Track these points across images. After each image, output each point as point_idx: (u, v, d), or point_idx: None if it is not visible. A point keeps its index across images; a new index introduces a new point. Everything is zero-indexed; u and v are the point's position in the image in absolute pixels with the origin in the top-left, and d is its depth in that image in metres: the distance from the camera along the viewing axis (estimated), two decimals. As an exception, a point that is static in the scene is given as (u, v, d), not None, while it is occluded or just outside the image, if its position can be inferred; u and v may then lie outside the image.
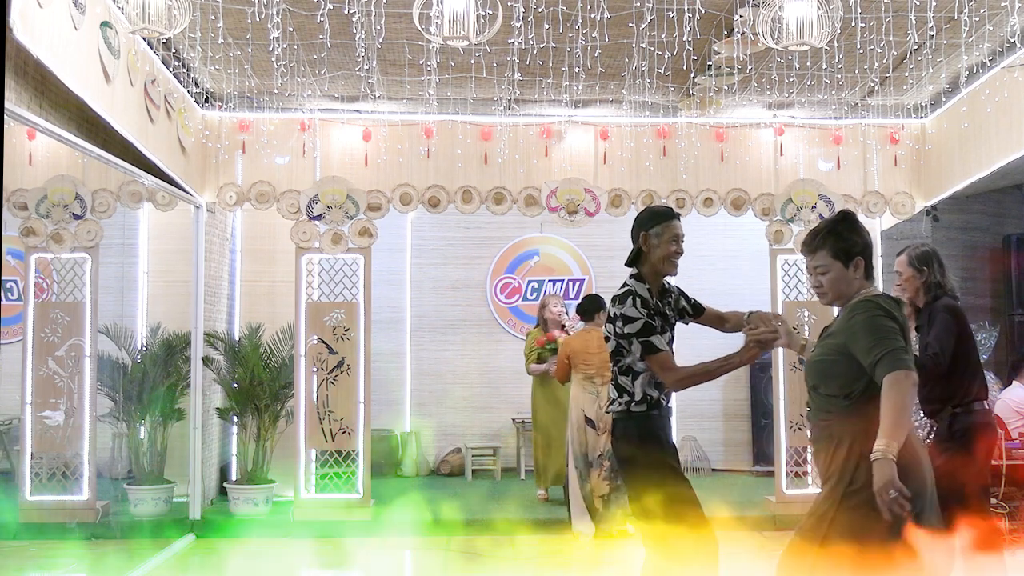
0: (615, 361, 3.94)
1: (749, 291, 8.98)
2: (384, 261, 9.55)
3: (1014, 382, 7.57)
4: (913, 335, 4.97)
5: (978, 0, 5.85)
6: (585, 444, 6.86)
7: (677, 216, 3.99)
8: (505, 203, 7.93)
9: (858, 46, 6.08)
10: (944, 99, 7.82)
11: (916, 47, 6.59)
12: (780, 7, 5.28)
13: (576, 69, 6.66)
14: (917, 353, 4.76)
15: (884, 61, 6.60)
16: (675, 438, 10.22)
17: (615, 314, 3.87)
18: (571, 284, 10.08)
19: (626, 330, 3.83)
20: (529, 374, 8.08)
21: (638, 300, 3.84)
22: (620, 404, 3.95)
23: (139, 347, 7.97)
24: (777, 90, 7.39)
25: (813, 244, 3.29)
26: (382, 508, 7.81)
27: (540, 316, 8.13)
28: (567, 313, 8.17)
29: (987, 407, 4.74)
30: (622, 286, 3.93)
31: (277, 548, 7.02)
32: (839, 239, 3.25)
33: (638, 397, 3.86)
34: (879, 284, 8.73)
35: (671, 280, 4.10)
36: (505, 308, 10.04)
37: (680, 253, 3.94)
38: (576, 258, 10.05)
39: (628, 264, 3.98)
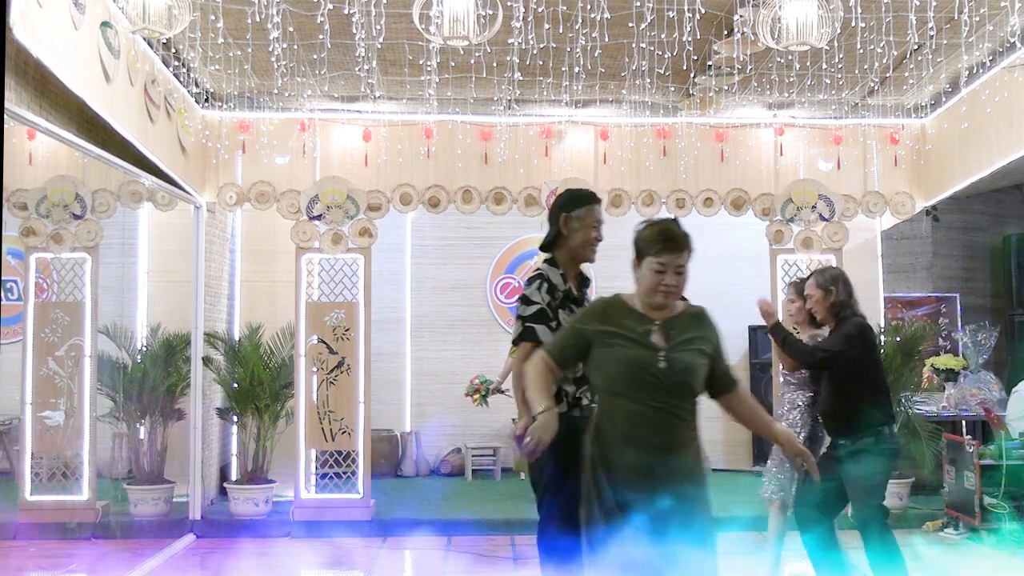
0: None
1: (749, 291, 8.98)
2: (384, 261, 9.54)
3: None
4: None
5: (978, 0, 5.85)
6: None
7: (599, 201, 3.88)
8: (505, 203, 7.93)
9: (858, 46, 6.07)
10: (944, 99, 7.82)
11: (916, 47, 6.58)
12: (780, 7, 5.28)
13: (576, 69, 6.66)
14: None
15: (884, 61, 6.60)
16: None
17: (521, 296, 3.75)
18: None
19: (520, 311, 3.66)
20: None
21: (545, 286, 3.68)
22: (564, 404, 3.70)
23: (139, 347, 7.97)
24: (777, 90, 7.39)
25: (685, 243, 3.27)
26: (382, 508, 7.81)
27: None
28: None
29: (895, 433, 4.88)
30: (535, 269, 3.79)
31: (277, 548, 7.03)
32: (692, 245, 3.32)
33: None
34: (879, 282, 8.78)
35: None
36: (505, 308, 10.03)
37: (600, 239, 3.80)
38: (576, 258, 10.03)
39: (543, 248, 3.84)
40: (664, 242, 3.22)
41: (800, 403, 5.28)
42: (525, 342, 3.59)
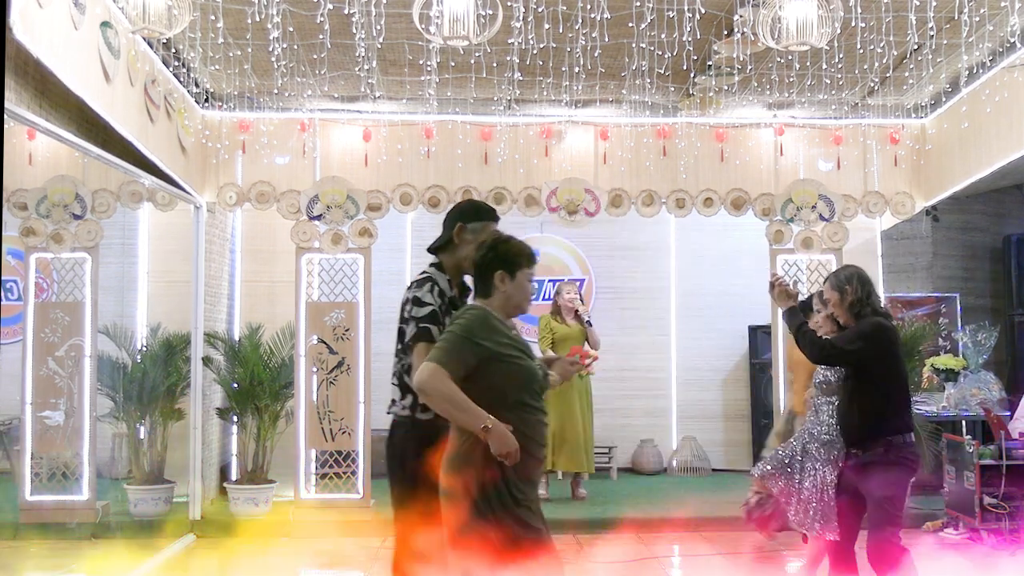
0: (400, 357, 3.63)
1: (749, 291, 8.99)
2: (384, 261, 9.53)
3: None
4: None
5: (978, 0, 5.85)
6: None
7: (497, 220, 3.76)
8: (505, 203, 7.92)
9: (858, 46, 6.07)
10: (944, 99, 7.82)
11: (916, 47, 6.58)
12: (780, 7, 5.28)
13: (576, 69, 6.66)
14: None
15: (884, 61, 6.60)
16: (674, 439, 10.28)
17: (408, 297, 3.62)
18: (581, 284, 10.08)
19: (413, 313, 3.55)
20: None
21: (436, 288, 3.60)
22: (403, 408, 3.62)
23: (139, 347, 7.96)
24: (777, 90, 7.39)
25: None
26: (382, 508, 7.80)
27: (554, 303, 8.25)
28: (581, 301, 8.23)
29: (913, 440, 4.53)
30: (421, 273, 3.71)
31: (277, 548, 7.02)
32: None
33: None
34: (879, 282, 8.76)
35: None
36: (505, 308, 10.02)
37: None
38: (576, 258, 10.04)
39: (431, 251, 3.79)
40: (532, 254, 3.39)
41: (825, 409, 4.89)
42: (421, 343, 3.48)
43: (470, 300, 3.51)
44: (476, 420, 3.11)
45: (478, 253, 3.37)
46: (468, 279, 3.66)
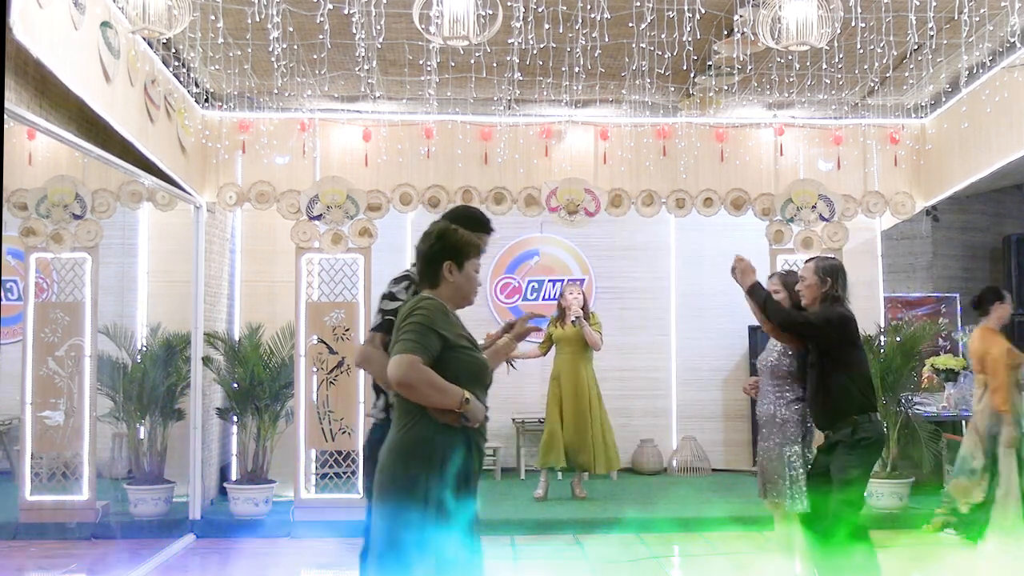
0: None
1: (749, 291, 8.98)
2: (384, 261, 9.51)
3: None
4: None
5: (978, 0, 5.85)
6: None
7: (489, 232, 3.80)
8: (505, 203, 7.92)
9: (858, 46, 6.07)
10: (944, 99, 7.82)
11: (916, 47, 6.58)
12: (780, 7, 5.28)
13: (576, 69, 6.66)
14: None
15: (884, 61, 6.60)
16: (674, 439, 10.26)
17: (383, 293, 3.74)
18: (583, 284, 10.08)
19: (382, 306, 3.64)
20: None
21: (412, 287, 3.69)
22: (380, 409, 3.65)
23: (139, 347, 7.97)
24: (777, 90, 7.39)
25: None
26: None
27: (558, 304, 8.30)
28: (584, 301, 8.24)
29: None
30: (402, 271, 3.83)
31: (277, 548, 7.02)
32: None
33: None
34: (879, 282, 8.77)
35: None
36: (505, 308, 10.03)
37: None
38: (576, 258, 10.04)
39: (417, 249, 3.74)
40: (478, 245, 3.34)
41: (784, 399, 5.15)
42: (378, 332, 3.61)
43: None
44: (455, 395, 3.11)
45: (425, 243, 3.37)
46: None
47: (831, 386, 4.69)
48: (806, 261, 5.07)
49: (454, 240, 3.28)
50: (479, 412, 3.16)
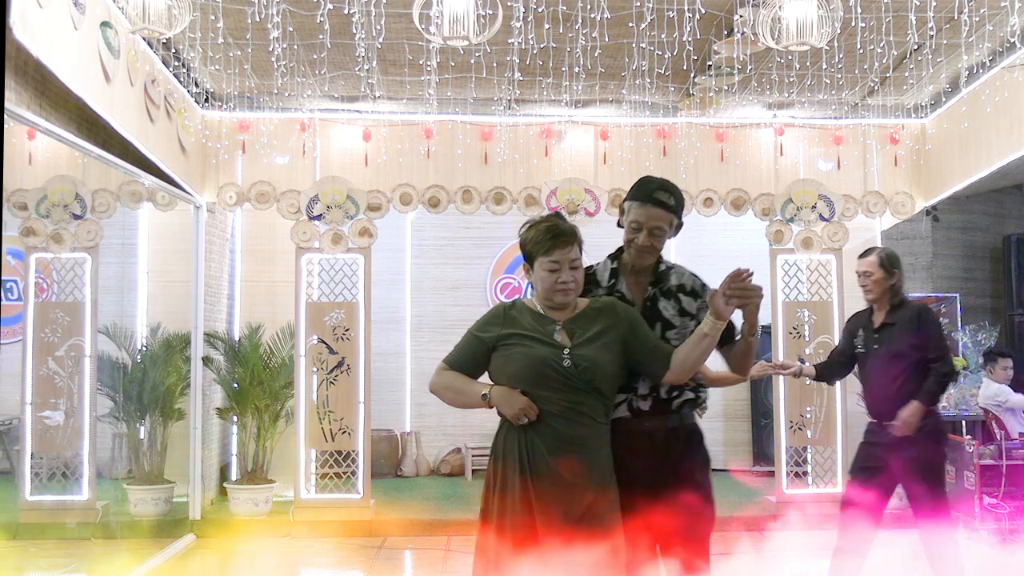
0: None
1: (749, 291, 8.98)
2: (384, 261, 9.54)
3: (985, 379, 7.55)
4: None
5: (978, 0, 5.85)
6: None
7: (646, 199, 3.34)
8: (505, 203, 7.93)
9: (858, 46, 6.08)
10: (944, 99, 7.82)
11: (916, 47, 6.59)
12: (780, 7, 5.28)
13: (576, 69, 6.66)
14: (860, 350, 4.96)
15: (884, 61, 6.60)
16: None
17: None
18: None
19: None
20: None
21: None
22: None
23: (139, 347, 7.97)
24: (777, 90, 7.39)
25: (574, 236, 3.17)
26: (382, 508, 7.81)
27: None
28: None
29: None
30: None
31: (277, 548, 7.03)
32: (581, 237, 3.23)
33: None
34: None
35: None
36: (505, 308, 10.03)
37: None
38: (576, 258, 10.04)
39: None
40: (553, 239, 3.12)
41: None
42: None
43: None
44: (474, 394, 3.14)
45: None
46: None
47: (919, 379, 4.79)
48: (860, 256, 4.96)
49: (522, 243, 3.23)
50: (510, 407, 3.07)
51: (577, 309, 3.18)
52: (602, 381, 3.09)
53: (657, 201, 3.26)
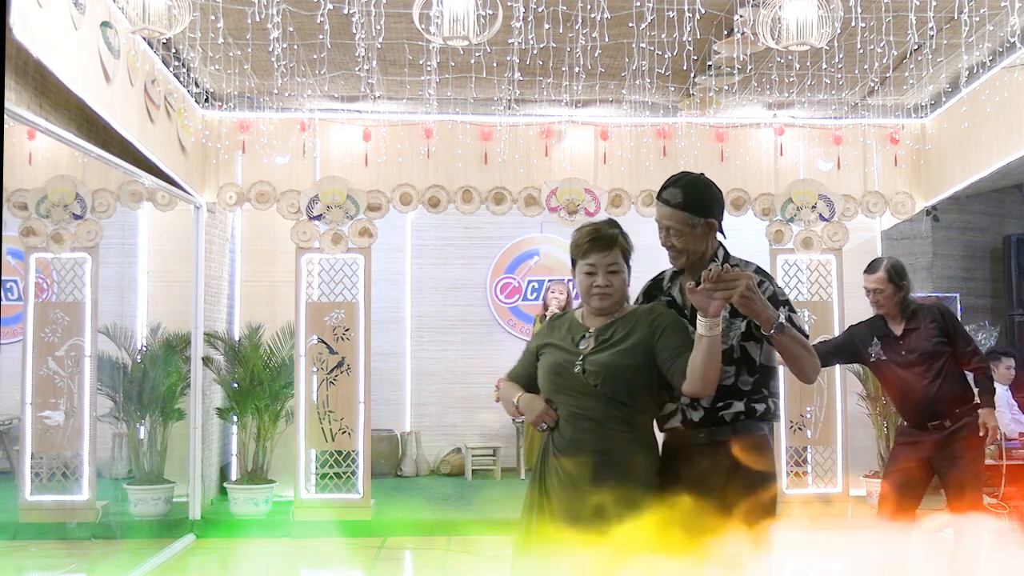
0: None
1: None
2: (384, 261, 9.54)
3: None
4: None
5: (978, 0, 5.85)
6: None
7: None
8: (505, 203, 7.93)
9: (858, 46, 6.07)
10: (944, 99, 7.82)
11: (916, 47, 6.58)
12: (780, 7, 5.28)
13: (576, 69, 6.66)
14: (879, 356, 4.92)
15: (884, 61, 6.60)
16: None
17: None
18: (571, 284, 10.08)
19: None
20: None
21: (654, 280, 3.43)
22: None
23: (139, 347, 7.97)
24: (777, 90, 7.39)
25: (613, 241, 3.12)
26: (382, 508, 7.81)
27: (543, 303, 8.43)
28: (569, 301, 8.25)
29: None
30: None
31: (277, 548, 7.02)
32: (626, 242, 3.17)
33: None
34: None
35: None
36: (505, 308, 10.04)
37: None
38: (576, 258, 10.04)
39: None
40: (591, 242, 3.10)
41: None
42: None
43: None
44: (508, 403, 3.27)
45: None
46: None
47: (960, 377, 4.95)
48: (866, 271, 4.91)
49: (570, 245, 3.23)
50: (530, 413, 3.15)
51: (621, 313, 3.13)
52: (613, 387, 3.01)
53: (662, 199, 3.15)
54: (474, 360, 9.91)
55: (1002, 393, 7.37)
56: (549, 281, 9.08)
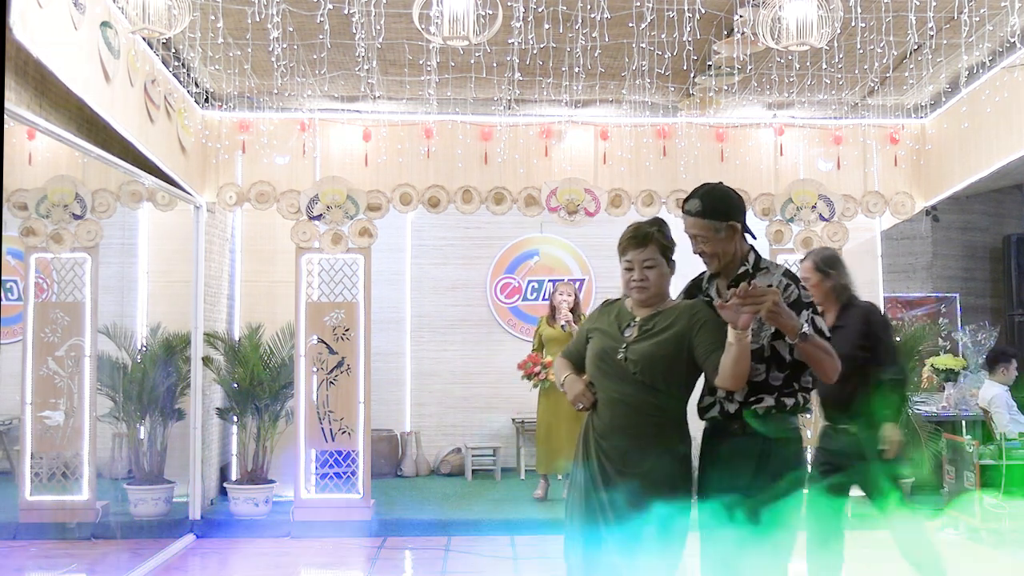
0: None
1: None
2: (384, 261, 9.55)
3: (987, 380, 7.54)
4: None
5: (978, 0, 5.85)
6: None
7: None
8: (505, 203, 7.93)
9: (858, 46, 6.07)
10: (944, 99, 7.82)
11: (916, 47, 6.58)
12: (780, 7, 5.28)
13: (576, 69, 6.66)
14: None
15: (884, 61, 6.60)
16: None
17: None
18: (577, 284, 10.08)
19: None
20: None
21: (696, 279, 3.61)
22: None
23: (139, 347, 7.97)
24: (777, 90, 7.39)
25: (649, 239, 3.35)
26: (382, 508, 7.81)
27: (549, 304, 8.36)
28: (576, 302, 8.27)
29: None
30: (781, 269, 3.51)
31: (277, 548, 7.03)
32: (664, 239, 3.39)
33: None
34: (879, 282, 8.77)
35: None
36: (505, 308, 10.04)
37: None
38: (576, 258, 10.05)
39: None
40: (629, 239, 3.37)
41: None
42: None
43: None
44: (559, 380, 3.57)
45: None
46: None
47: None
48: (801, 260, 4.93)
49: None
50: (570, 392, 3.44)
51: (665, 306, 3.38)
52: (652, 376, 3.26)
53: (685, 211, 3.42)
54: (474, 360, 9.92)
55: (1002, 393, 7.37)
56: (555, 282, 9.08)
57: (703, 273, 3.58)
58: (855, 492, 4.84)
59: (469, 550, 6.85)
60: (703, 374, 3.31)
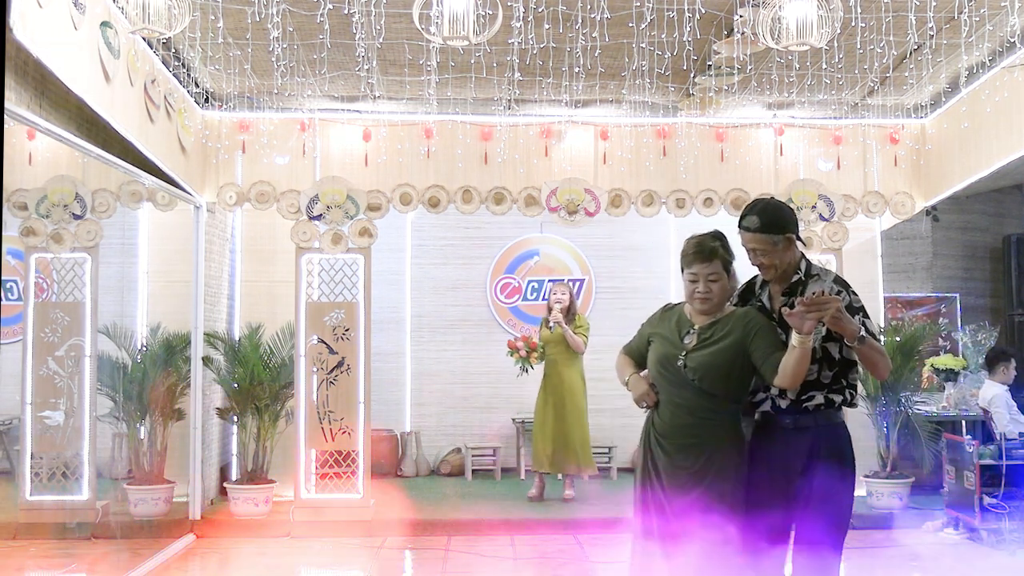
0: None
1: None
2: (384, 261, 9.54)
3: (987, 380, 7.56)
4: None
5: (978, 0, 5.85)
6: None
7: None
8: (505, 203, 7.93)
9: (858, 46, 6.08)
10: (944, 99, 7.82)
11: (916, 47, 6.59)
12: (780, 7, 5.28)
13: (576, 69, 6.66)
14: None
15: (884, 61, 6.60)
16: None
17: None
18: (571, 284, 10.08)
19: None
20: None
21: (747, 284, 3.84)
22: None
23: (139, 347, 7.97)
24: (777, 90, 7.39)
25: (714, 253, 3.58)
26: (382, 508, 7.81)
27: (547, 304, 8.36)
28: (572, 301, 8.27)
29: None
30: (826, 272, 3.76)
31: (277, 548, 7.03)
32: (727, 253, 3.63)
33: None
34: (879, 282, 8.77)
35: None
36: (505, 308, 10.04)
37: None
38: (576, 258, 10.04)
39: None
40: (694, 254, 3.57)
41: None
42: None
43: None
44: (623, 377, 3.81)
45: None
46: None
47: None
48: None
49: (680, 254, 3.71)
50: (634, 391, 3.71)
51: (722, 314, 3.61)
52: (710, 383, 3.52)
53: (743, 227, 3.63)
54: (474, 360, 9.91)
55: (1002, 393, 7.38)
56: (550, 282, 9.09)
57: (756, 277, 3.78)
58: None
59: (469, 550, 6.85)
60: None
